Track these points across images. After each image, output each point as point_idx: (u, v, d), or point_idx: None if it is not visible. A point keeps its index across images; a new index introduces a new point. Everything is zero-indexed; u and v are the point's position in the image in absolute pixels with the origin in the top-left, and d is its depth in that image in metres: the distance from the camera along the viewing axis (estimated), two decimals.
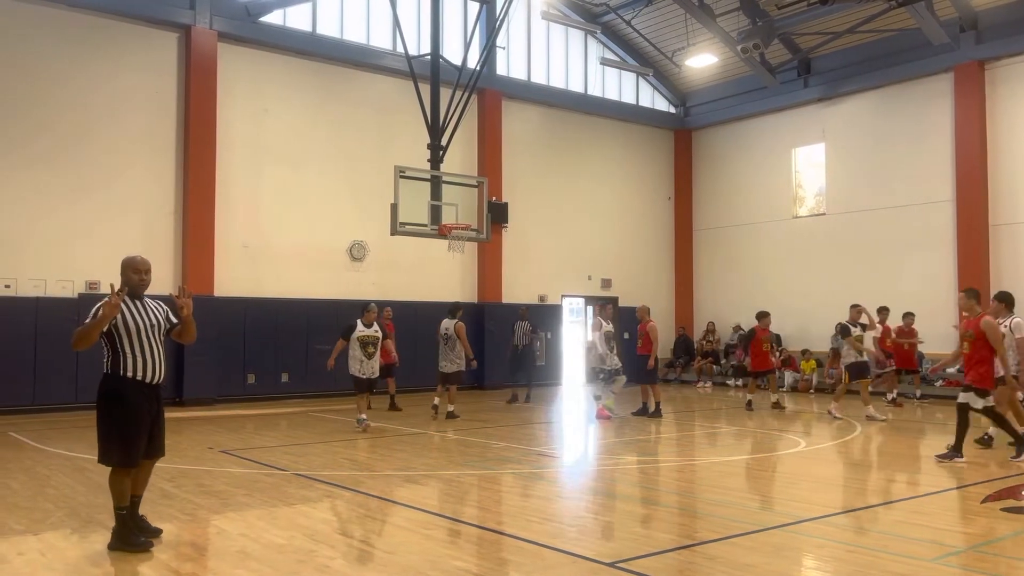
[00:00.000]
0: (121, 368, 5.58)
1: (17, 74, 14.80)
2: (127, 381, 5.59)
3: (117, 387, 5.59)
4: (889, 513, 7.04)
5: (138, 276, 5.79)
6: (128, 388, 5.59)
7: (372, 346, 12.02)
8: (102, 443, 5.64)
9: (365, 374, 12.03)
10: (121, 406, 5.57)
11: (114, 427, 5.58)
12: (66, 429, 12.27)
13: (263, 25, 17.24)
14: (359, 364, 11.97)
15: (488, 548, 5.94)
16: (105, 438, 5.62)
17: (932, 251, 18.71)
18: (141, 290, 5.82)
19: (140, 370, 5.62)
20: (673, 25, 21.11)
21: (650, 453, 10.69)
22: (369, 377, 12.11)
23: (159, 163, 16.16)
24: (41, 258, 14.81)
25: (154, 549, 5.63)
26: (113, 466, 5.63)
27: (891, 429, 12.74)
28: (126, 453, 5.59)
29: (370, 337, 12.05)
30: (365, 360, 11.97)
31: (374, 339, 12.08)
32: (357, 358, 11.97)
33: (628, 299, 22.29)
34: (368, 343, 12.01)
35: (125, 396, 5.58)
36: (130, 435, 5.59)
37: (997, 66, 18.03)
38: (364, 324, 12.11)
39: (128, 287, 5.72)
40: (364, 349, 11.95)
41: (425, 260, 18.51)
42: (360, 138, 18.42)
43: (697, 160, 24.20)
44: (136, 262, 5.83)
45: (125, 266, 5.84)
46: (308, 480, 8.25)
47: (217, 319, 15.84)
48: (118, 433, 5.58)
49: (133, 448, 5.61)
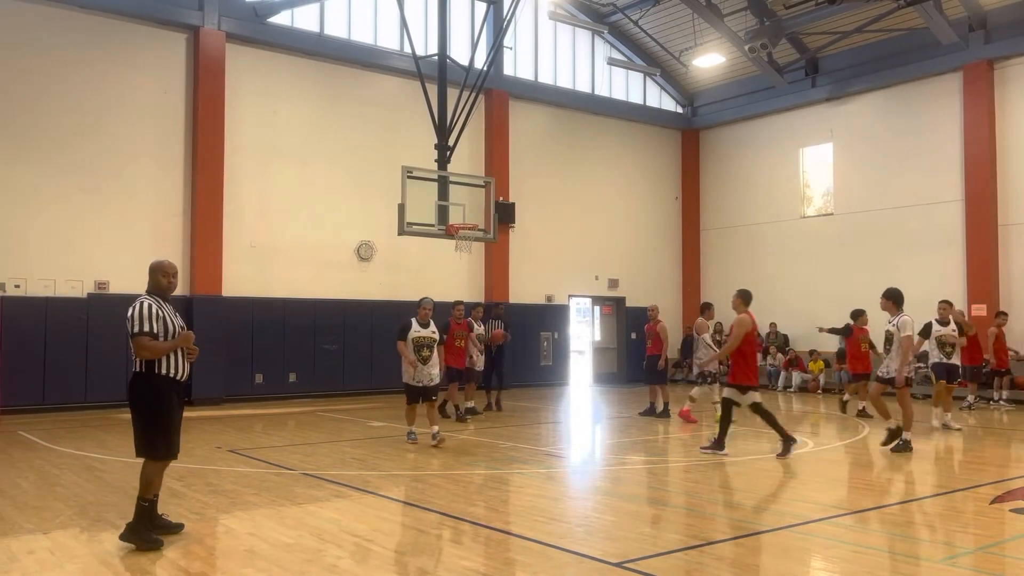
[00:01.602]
0: (157, 367, 5.82)
1: (25, 75, 14.88)
2: (164, 379, 5.84)
3: (156, 384, 5.82)
4: (897, 514, 7.02)
5: (167, 280, 6.03)
6: (166, 385, 5.85)
7: (427, 349, 10.45)
8: (144, 436, 5.84)
9: (420, 381, 10.43)
10: (161, 401, 5.83)
11: (157, 421, 5.81)
12: (76, 428, 12.33)
13: (271, 26, 17.29)
14: (412, 369, 10.40)
15: (495, 548, 5.94)
16: (147, 431, 5.82)
17: (941, 251, 18.64)
18: (169, 293, 6.06)
19: (174, 368, 5.88)
20: (680, 25, 21.08)
21: (657, 453, 10.68)
22: (425, 385, 10.45)
23: (168, 163, 16.22)
24: (50, 258, 14.88)
25: (163, 548, 5.66)
26: (157, 459, 5.88)
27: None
28: (169, 444, 5.89)
29: (425, 339, 10.49)
30: (420, 366, 10.38)
31: (430, 341, 10.52)
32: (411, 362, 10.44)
33: (635, 299, 22.31)
34: (423, 345, 10.44)
35: (164, 393, 5.84)
36: (171, 428, 5.90)
37: (1006, 65, 17.95)
38: (419, 323, 10.57)
39: (158, 291, 5.99)
40: (419, 352, 10.41)
41: (432, 260, 18.53)
42: (367, 138, 18.45)
43: (704, 160, 24.16)
44: (165, 266, 6.07)
45: (154, 270, 6.05)
46: (316, 479, 8.27)
47: (225, 319, 15.90)
48: (161, 426, 5.83)
49: (174, 439, 5.95)
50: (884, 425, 10.45)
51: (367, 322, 17.94)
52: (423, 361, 10.40)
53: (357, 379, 17.81)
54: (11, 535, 6.06)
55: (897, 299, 10.24)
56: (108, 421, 13.27)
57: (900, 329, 10.01)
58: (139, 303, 5.86)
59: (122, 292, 15.26)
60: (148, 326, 5.76)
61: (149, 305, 5.84)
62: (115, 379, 14.88)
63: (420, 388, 10.46)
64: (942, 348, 12.56)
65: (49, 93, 15.05)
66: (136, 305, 5.85)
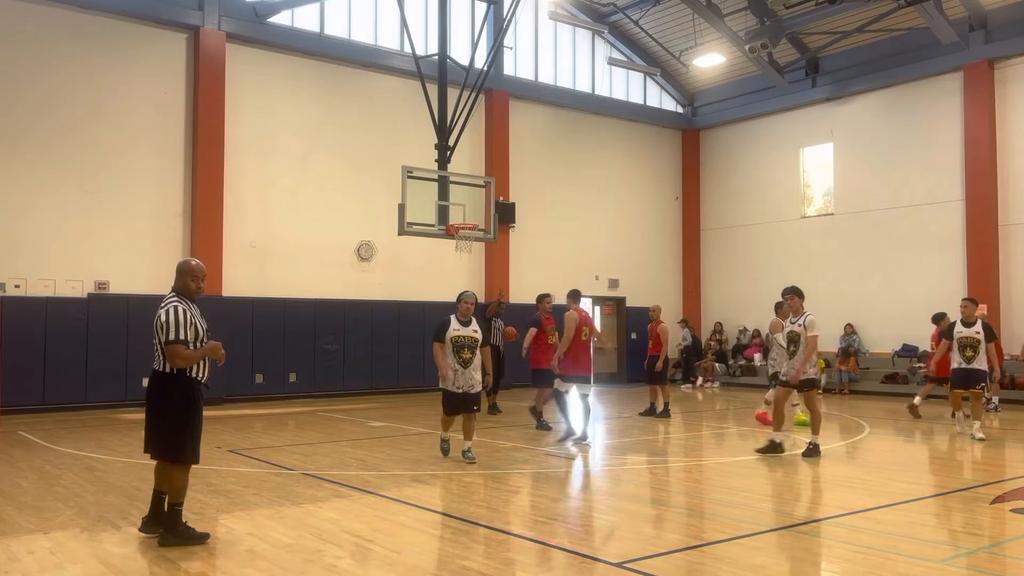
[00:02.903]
0: (187, 369, 5.76)
1: (26, 75, 14.88)
2: (191, 381, 5.80)
3: (185, 387, 5.76)
4: (898, 514, 7.01)
5: (195, 283, 5.89)
6: (193, 388, 5.81)
7: (469, 350, 9.10)
8: (170, 439, 5.75)
9: (460, 387, 9.07)
10: (191, 405, 5.78)
11: (187, 425, 5.77)
12: (76, 428, 12.33)
13: (271, 26, 17.29)
14: (451, 374, 9.07)
15: (495, 548, 5.94)
16: (173, 434, 5.75)
17: (941, 251, 18.63)
18: (197, 296, 5.93)
19: (200, 371, 5.87)
20: (681, 25, 21.08)
21: (658, 453, 10.68)
22: (466, 392, 9.12)
23: (168, 163, 16.22)
24: (50, 258, 14.88)
25: (162, 548, 5.66)
26: (186, 462, 5.81)
27: (897, 430, 12.70)
28: (197, 449, 5.87)
29: (467, 338, 9.13)
30: (460, 369, 9.06)
31: (471, 341, 9.14)
32: (451, 366, 9.10)
33: (635, 299, 22.32)
34: (464, 346, 9.09)
35: (192, 396, 5.80)
36: (199, 432, 5.88)
37: (1007, 65, 17.95)
38: (460, 320, 9.20)
39: (186, 293, 5.86)
40: (459, 354, 9.06)
41: (432, 260, 18.53)
42: (368, 138, 18.45)
43: (705, 160, 24.17)
44: (194, 269, 5.90)
45: (183, 272, 5.88)
46: (316, 480, 8.27)
47: (225, 319, 15.88)
48: (191, 431, 5.79)
49: (199, 444, 5.90)
50: (770, 436, 10.07)
51: (367, 322, 17.95)
52: (464, 364, 9.03)
53: (357, 379, 17.81)
54: (11, 535, 6.06)
55: (802, 297, 10.04)
56: (108, 421, 13.26)
57: (808, 328, 9.78)
58: (171, 308, 5.68)
59: (122, 292, 15.29)
60: (183, 333, 5.63)
61: (183, 311, 5.68)
62: (115, 379, 14.91)
63: (460, 395, 9.09)
64: (962, 351, 11.33)
65: (49, 93, 15.05)
66: (169, 310, 5.66)
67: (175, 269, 5.92)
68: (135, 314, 14.69)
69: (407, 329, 18.08)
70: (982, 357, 11.25)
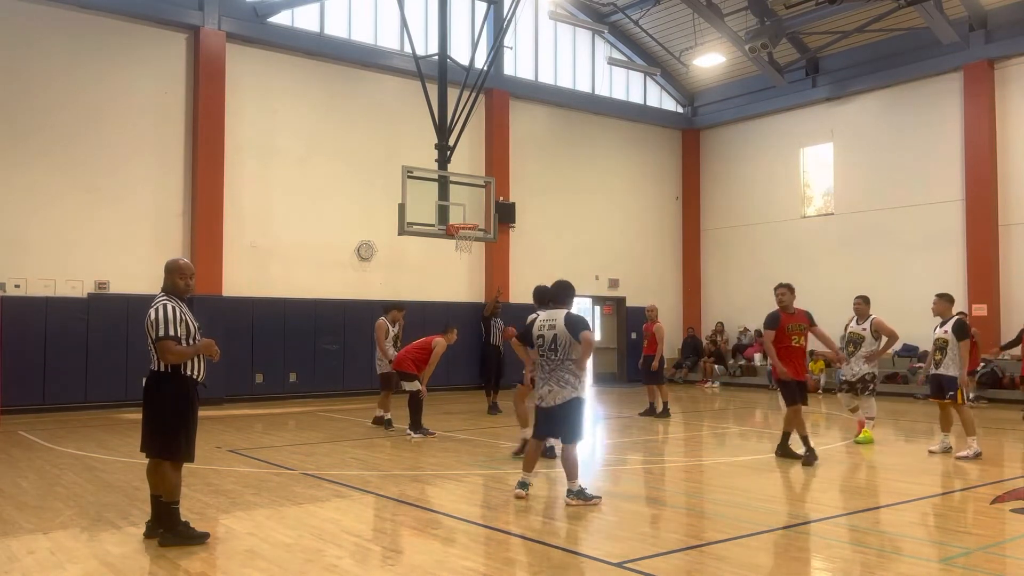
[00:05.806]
0: (183, 368, 5.78)
1: (25, 75, 14.87)
2: (187, 380, 5.82)
3: (181, 385, 5.79)
4: (897, 514, 7.01)
5: (184, 282, 5.91)
6: (189, 386, 5.83)
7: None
8: (168, 438, 5.77)
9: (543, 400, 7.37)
10: (187, 403, 5.81)
11: (182, 423, 5.79)
12: (76, 428, 12.33)
13: (271, 26, 17.28)
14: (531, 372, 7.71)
15: (495, 548, 5.94)
16: (172, 433, 5.77)
17: (941, 251, 18.63)
18: (187, 294, 5.95)
19: (196, 369, 5.89)
20: (681, 25, 21.08)
21: (657, 453, 10.68)
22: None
23: (168, 163, 16.22)
24: (50, 258, 14.88)
25: (162, 548, 5.66)
26: (180, 461, 5.84)
27: (898, 430, 12.69)
28: (191, 448, 5.88)
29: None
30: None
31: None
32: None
33: (635, 299, 22.29)
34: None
35: (188, 394, 5.82)
36: (194, 431, 5.89)
37: (1007, 65, 17.94)
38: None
39: (175, 292, 5.87)
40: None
41: (432, 260, 18.53)
42: (368, 138, 18.45)
43: (705, 160, 24.16)
44: (182, 268, 5.92)
45: (171, 271, 5.90)
46: (316, 480, 8.27)
47: (225, 319, 15.88)
48: (186, 429, 5.81)
49: (193, 442, 5.92)
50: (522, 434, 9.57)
51: (367, 322, 17.79)
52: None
53: (357, 379, 17.79)
54: (11, 535, 6.06)
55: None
56: (108, 421, 13.26)
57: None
58: (161, 306, 5.71)
59: (122, 292, 15.28)
60: (173, 330, 5.66)
61: (173, 308, 5.72)
62: (115, 379, 14.90)
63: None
64: (932, 354, 10.06)
65: (49, 93, 15.05)
66: (159, 308, 5.71)
67: (163, 269, 5.95)
68: (135, 314, 14.58)
69: (407, 329, 18.04)
70: (950, 360, 9.82)
